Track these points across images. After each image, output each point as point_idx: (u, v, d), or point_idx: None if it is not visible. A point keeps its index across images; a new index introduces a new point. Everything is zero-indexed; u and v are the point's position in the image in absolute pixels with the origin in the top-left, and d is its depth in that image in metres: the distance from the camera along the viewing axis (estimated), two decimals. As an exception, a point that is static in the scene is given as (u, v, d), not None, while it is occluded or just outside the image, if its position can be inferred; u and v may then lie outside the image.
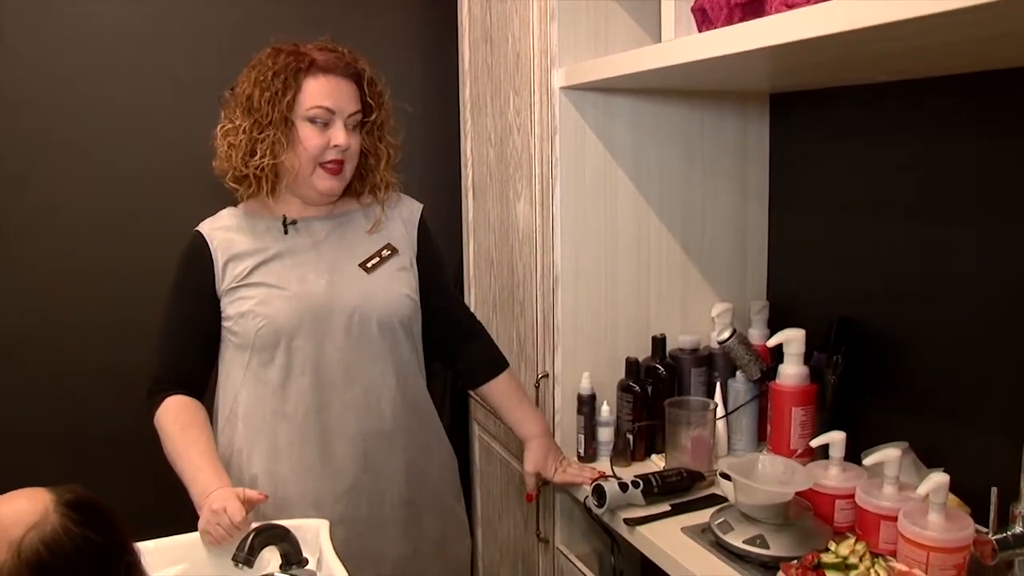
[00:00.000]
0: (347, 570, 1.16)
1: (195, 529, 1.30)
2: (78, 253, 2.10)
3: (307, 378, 1.44)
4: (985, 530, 1.21)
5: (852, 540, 1.22)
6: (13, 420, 2.07)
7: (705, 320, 1.84)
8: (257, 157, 1.41)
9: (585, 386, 1.72)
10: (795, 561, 1.21)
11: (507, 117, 1.89)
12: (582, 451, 1.73)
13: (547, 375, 1.78)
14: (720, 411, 1.69)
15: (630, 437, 1.71)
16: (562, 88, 1.65)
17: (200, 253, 1.45)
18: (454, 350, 1.66)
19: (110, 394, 2.11)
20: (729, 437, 1.73)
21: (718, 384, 1.74)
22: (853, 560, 1.17)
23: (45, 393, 2.09)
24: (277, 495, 1.44)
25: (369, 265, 1.50)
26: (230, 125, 1.43)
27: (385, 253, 1.52)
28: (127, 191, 2.12)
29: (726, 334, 1.65)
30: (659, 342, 1.74)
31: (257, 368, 1.44)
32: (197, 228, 1.48)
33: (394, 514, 1.51)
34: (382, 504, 1.50)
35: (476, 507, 2.29)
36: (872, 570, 1.16)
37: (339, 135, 1.41)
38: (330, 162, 1.43)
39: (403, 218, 1.58)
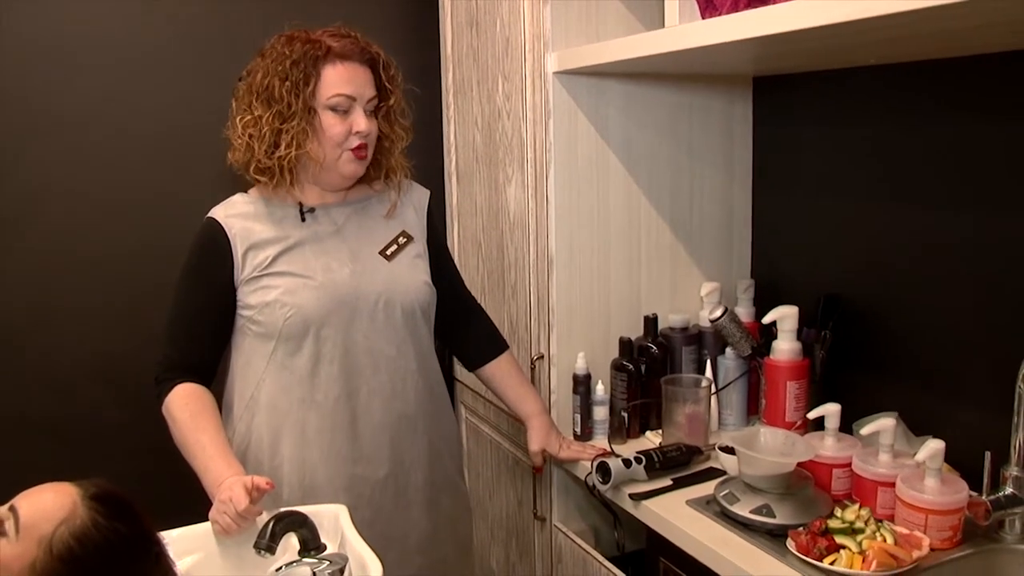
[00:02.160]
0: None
1: (196, 518, 1.30)
2: (72, 240, 2.05)
3: (336, 366, 1.44)
4: (975, 493, 1.29)
5: (857, 506, 1.28)
6: (5, 409, 2.02)
7: (693, 299, 1.88)
8: (283, 147, 1.39)
9: (580, 366, 1.76)
10: (802, 528, 1.27)
11: (496, 102, 1.90)
12: (578, 430, 1.77)
13: (542, 356, 1.81)
14: (711, 387, 1.74)
15: (625, 415, 1.75)
16: (556, 73, 1.67)
17: (217, 241, 1.43)
18: (457, 332, 1.68)
19: (104, 382, 2.08)
20: (720, 412, 1.78)
21: (708, 361, 1.79)
22: (859, 524, 1.23)
23: (37, 381, 2.04)
24: (305, 482, 1.45)
25: (388, 253, 1.51)
26: (249, 116, 1.40)
27: (402, 240, 1.53)
28: (122, 176, 2.07)
29: (718, 312, 1.70)
30: (651, 321, 1.78)
31: (283, 357, 1.44)
32: (211, 215, 1.46)
33: (417, 496, 1.54)
34: (407, 486, 1.52)
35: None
36: (878, 533, 1.21)
37: (360, 121, 1.41)
38: (356, 147, 1.42)
39: (414, 204, 1.59)
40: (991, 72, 1.39)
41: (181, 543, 1.23)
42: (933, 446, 1.27)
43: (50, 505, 1.03)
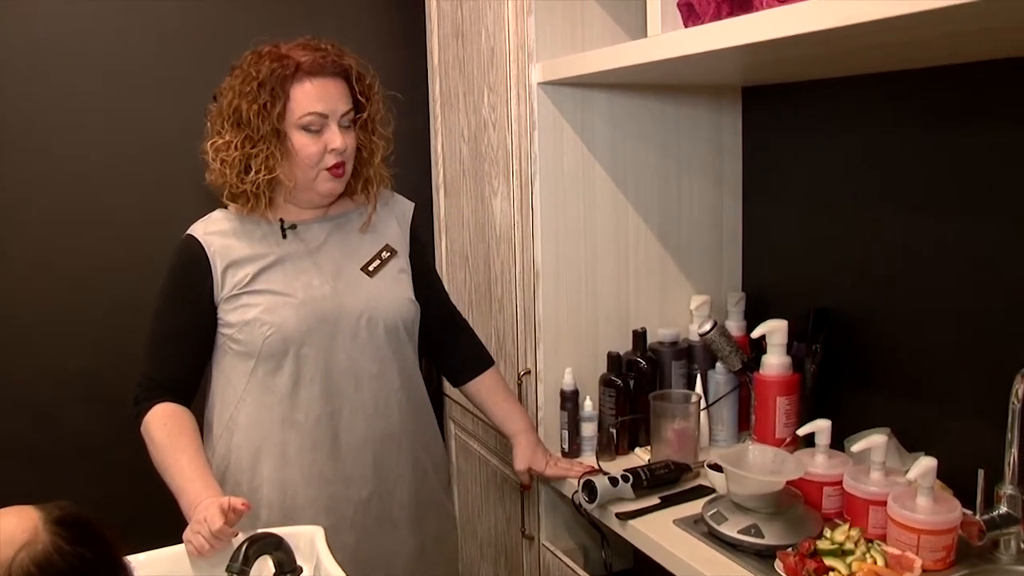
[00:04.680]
0: (355, 573, 1.15)
1: (179, 540, 1.27)
2: (46, 253, 2.01)
3: (317, 385, 1.42)
4: (969, 512, 1.25)
5: (846, 526, 1.24)
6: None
7: (683, 313, 1.85)
8: (252, 173, 1.36)
9: (568, 382, 1.72)
10: (790, 549, 1.23)
11: (481, 113, 1.88)
12: (566, 447, 1.73)
13: (529, 372, 1.78)
14: (701, 403, 1.70)
15: (613, 431, 1.71)
16: (540, 83, 1.64)
17: (196, 259, 1.40)
18: (442, 347, 1.65)
19: (79, 401, 2.04)
20: (710, 428, 1.75)
21: (698, 376, 1.76)
22: (849, 546, 1.20)
23: (13, 400, 2.01)
24: (286, 503, 1.42)
25: (371, 268, 1.48)
26: (221, 140, 1.37)
27: (385, 255, 1.50)
28: (99, 189, 2.04)
29: (707, 326, 1.66)
30: (640, 336, 1.75)
31: (263, 376, 1.41)
32: (190, 232, 1.43)
33: (402, 514, 1.51)
34: (391, 505, 1.49)
35: (455, 506, 2.27)
36: (868, 555, 1.18)
37: (335, 138, 1.37)
38: (332, 166, 1.39)
39: (397, 217, 1.56)
40: (982, 80, 1.37)
41: (150, 567, 1.20)
42: (925, 464, 1.24)
43: (10, 529, 1.00)
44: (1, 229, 1.98)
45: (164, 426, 1.37)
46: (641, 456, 1.72)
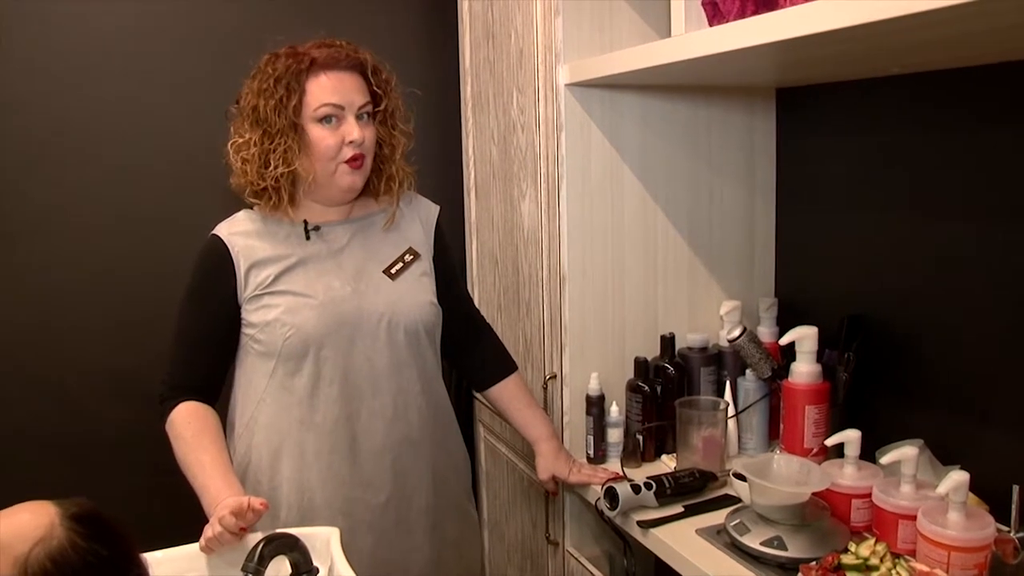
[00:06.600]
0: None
1: (191, 538, 1.28)
2: (79, 255, 2.07)
3: (335, 387, 1.42)
4: (1006, 528, 1.20)
5: (872, 541, 1.20)
6: (12, 423, 2.04)
7: (713, 318, 1.82)
8: (271, 168, 1.37)
9: (594, 387, 1.70)
10: (814, 563, 1.20)
11: (511, 115, 1.87)
12: (591, 453, 1.71)
13: (555, 376, 1.76)
14: (731, 410, 1.67)
15: (640, 438, 1.68)
16: (568, 85, 1.63)
17: (221, 259, 1.42)
18: (464, 352, 1.64)
19: (111, 398, 2.09)
20: (740, 436, 1.71)
21: (728, 383, 1.72)
22: (874, 561, 1.16)
23: (45, 396, 2.06)
24: (304, 504, 1.42)
25: (393, 271, 1.48)
26: (240, 140, 1.40)
27: (408, 258, 1.50)
28: (130, 192, 2.09)
29: (736, 332, 1.63)
30: (668, 341, 1.72)
31: (283, 377, 1.42)
32: (214, 232, 1.45)
33: (419, 520, 1.50)
34: (409, 510, 1.49)
35: (483, 509, 2.27)
36: (893, 571, 1.14)
37: (352, 130, 1.38)
38: (350, 158, 1.39)
39: (421, 219, 1.56)
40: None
41: (167, 565, 1.21)
42: (956, 478, 1.19)
43: (27, 525, 1.02)
44: (33, 231, 2.03)
45: (188, 425, 1.39)
46: (667, 463, 1.69)
